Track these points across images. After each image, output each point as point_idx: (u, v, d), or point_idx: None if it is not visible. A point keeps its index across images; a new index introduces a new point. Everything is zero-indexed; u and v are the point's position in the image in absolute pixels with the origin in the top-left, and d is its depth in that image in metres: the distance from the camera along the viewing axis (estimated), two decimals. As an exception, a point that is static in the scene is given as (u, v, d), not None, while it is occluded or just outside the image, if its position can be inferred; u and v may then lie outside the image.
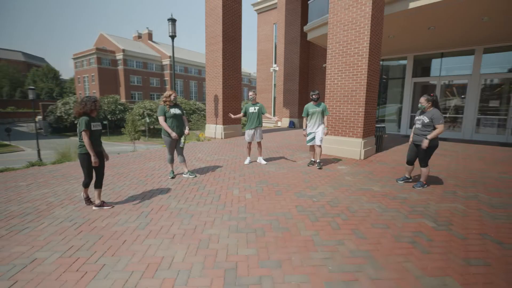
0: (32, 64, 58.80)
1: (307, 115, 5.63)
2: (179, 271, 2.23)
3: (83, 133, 3.21)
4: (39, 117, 33.43)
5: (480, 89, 9.97)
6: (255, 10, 22.16)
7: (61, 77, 59.13)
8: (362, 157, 6.46)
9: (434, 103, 4.14)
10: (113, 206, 3.59)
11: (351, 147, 6.60)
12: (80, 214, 3.34)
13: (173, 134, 4.66)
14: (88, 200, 3.60)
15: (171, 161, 4.99)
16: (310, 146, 5.71)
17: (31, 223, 3.11)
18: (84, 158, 3.33)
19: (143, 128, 31.10)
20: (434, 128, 4.03)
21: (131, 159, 6.62)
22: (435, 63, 10.98)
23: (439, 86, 10.89)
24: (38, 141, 17.07)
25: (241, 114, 6.07)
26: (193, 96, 60.37)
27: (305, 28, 10.83)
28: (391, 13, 7.20)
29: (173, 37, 9.47)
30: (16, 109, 43.44)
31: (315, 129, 5.57)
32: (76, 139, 3.49)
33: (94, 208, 3.50)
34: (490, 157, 6.81)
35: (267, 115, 5.90)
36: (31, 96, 16.45)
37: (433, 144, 4.09)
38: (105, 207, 3.54)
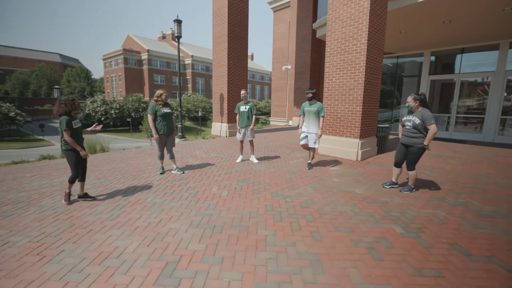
0: (67, 65, 63.44)
1: (303, 113, 5.51)
2: (125, 260, 2.34)
3: (64, 132, 3.42)
4: (70, 114, 35.96)
5: (504, 87, 9.12)
6: (271, 8, 22.06)
7: (92, 77, 63.03)
8: (359, 158, 6.22)
9: (422, 102, 3.89)
10: (95, 198, 3.82)
11: (348, 147, 6.39)
12: (64, 204, 3.60)
13: (155, 136, 4.85)
14: (69, 197, 3.63)
15: (161, 157, 5.17)
16: (303, 145, 5.56)
17: (19, 210, 3.41)
18: (70, 154, 3.54)
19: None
20: (425, 129, 3.79)
21: (132, 155, 6.95)
22: (455, 59, 10.22)
23: (459, 83, 10.12)
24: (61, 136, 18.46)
25: (237, 114, 6.07)
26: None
27: (314, 25, 10.59)
28: (399, 7, 6.82)
29: (178, 37, 9.74)
30: (52, 106, 47.15)
31: (308, 129, 5.39)
32: (87, 136, 3.66)
33: (77, 199, 3.75)
34: (505, 162, 6.23)
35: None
36: (56, 94, 17.78)
37: (423, 147, 3.86)
38: (87, 199, 3.77)
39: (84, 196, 3.77)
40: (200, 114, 35.42)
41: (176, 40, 10.03)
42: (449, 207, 3.55)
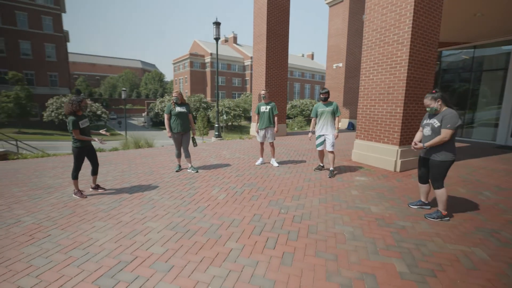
0: (146, 70, 73.37)
1: (316, 115, 5.03)
2: (88, 253, 2.41)
3: (73, 133, 3.69)
4: (144, 113, 41.35)
5: None
6: (327, 3, 20.88)
7: (165, 80, 71.23)
8: (398, 169, 5.23)
9: (444, 100, 2.98)
10: (105, 190, 4.15)
11: (385, 155, 5.44)
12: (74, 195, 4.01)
13: (168, 134, 5.03)
14: (80, 193, 3.86)
15: (178, 155, 5.34)
16: (320, 151, 5.02)
17: (45, 195, 3.95)
18: (76, 151, 3.82)
19: (221, 124, 34.21)
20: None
21: (164, 151, 7.44)
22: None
23: None
24: (126, 132, 21.41)
25: (256, 114, 5.85)
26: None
27: (364, 16, 9.48)
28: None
29: (217, 39, 10.01)
30: (132, 106, 55.26)
31: (325, 131, 4.89)
32: (144, 132, 4.01)
33: (90, 190, 4.13)
34: None
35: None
36: (123, 96, 20.60)
37: (446, 158, 2.97)
38: (99, 190, 4.12)
39: (96, 188, 4.13)
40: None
41: (215, 41, 10.34)
42: (499, 246, 2.59)
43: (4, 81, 25.56)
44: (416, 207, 3.49)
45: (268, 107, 5.60)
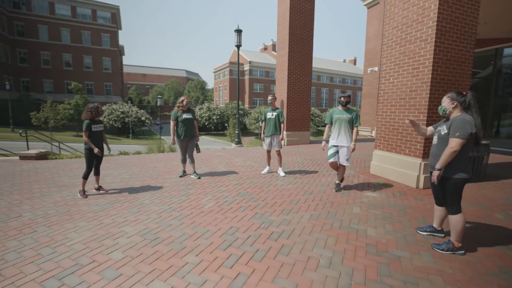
0: (190, 78, 78.29)
1: (331, 122, 4.48)
2: (54, 252, 2.48)
3: (83, 133, 4.04)
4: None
5: None
6: (365, 5, 19.82)
7: (206, 87, 75.00)
8: (421, 185, 4.50)
9: (464, 105, 2.39)
10: (107, 191, 4.35)
11: (406, 169, 4.74)
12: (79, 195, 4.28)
13: (172, 141, 5.09)
14: (84, 193, 4.12)
15: (183, 161, 5.40)
16: (331, 163, 4.45)
17: (54, 192, 4.29)
18: (87, 153, 4.14)
19: (256, 131, 34.51)
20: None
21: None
22: None
23: None
24: (160, 136, 22.80)
25: (263, 121, 5.62)
26: (324, 103, 61.41)
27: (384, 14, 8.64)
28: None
29: (238, 46, 10.07)
30: (176, 112, 59.05)
31: (339, 141, 4.28)
32: None
33: (94, 190, 4.37)
34: None
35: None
36: (159, 103, 22.02)
37: (454, 175, 2.38)
38: (100, 191, 4.34)
39: (98, 189, 4.35)
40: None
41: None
42: (522, 296, 1.96)
43: (68, 91, 29.70)
44: (425, 233, 2.89)
45: (275, 113, 5.36)
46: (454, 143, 2.32)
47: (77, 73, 32.39)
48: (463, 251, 2.49)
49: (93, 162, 4.18)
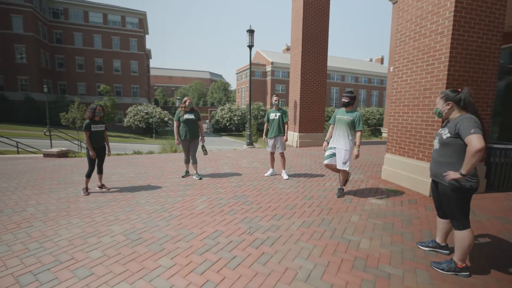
0: (213, 80, 79.88)
1: (334, 122, 4.18)
2: (40, 247, 2.56)
3: (84, 134, 4.18)
4: (207, 120, 44.87)
5: None
6: (389, 0, 18.79)
7: (230, 88, 76.04)
8: (435, 194, 4.06)
9: (460, 104, 2.07)
10: (109, 189, 4.48)
11: (418, 175, 4.33)
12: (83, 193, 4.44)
13: (176, 142, 5.11)
14: (86, 190, 4.25)
15: (186, 162, 5.42)
16: (327, 165, 4.20)
17: (62, 189, 4.51)
18: (88, 152, 4.30)
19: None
20: (464, 148, 2.02)
21: (189, 155, 7.71)
22: None
23: None
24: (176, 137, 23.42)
25: (266, 122, 5.45)
26: (334, 103, 59.67)
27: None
28: None
29: (250, 47, 9.98)
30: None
31: (336, 143, 4.04)
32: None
33: (97, 188, 4.52)
34: None
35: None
36: (177, 104, 22.50)
37: (465, 184, 2.05)
38: (103, 189, 4.47)
39: (101, 187, 4.49)
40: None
41: (249, 49, 10.33)
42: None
43: (98, 93, 31.70)
44: (427, 249, 2.57)
45: (278, 114, 5.18)
46: (476, 140, 1.91)
47: (107, 76, 34.51)
48: (467, 273, 2.16)
49: (94, 161, 4.31)
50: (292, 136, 10.18)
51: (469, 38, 3.86)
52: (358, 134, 3.91)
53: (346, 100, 3.97)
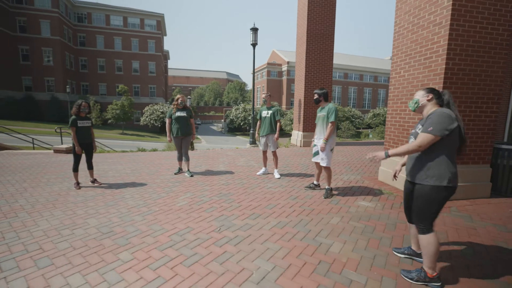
0: (230, 80, 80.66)
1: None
2: (15, 238, 2.65)
3: (71, 129, 4.30)
4: (222, 120, 45.35)
5: None
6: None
7: (246, 88, 76.42)
8: (431, 198, 3.77)
9: (440, 100, 1.88)
10: (100, 184, 4.60)
11: (414, 177, 4.04)
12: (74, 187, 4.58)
13: (168, 139, 5.18)
14: (77, 184, 4.41)
15: (179, 159, 5.46)
16: (316, 163, 4.13)
17: (58, 183, 4.70)
18: (74, 148, 4.38)
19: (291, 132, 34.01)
20: (440, 147, 1.87)
21: (192, 154, 7.78)
22: None
23: None
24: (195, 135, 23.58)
25: (258, 121, 5.35)
26: (351, 103, 58.10)
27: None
28: None
29: (254, 45, 9.87)
30: (215, 113, 61.49)
31: (317, 141, 4.03)
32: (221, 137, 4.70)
33: (89, 183, 4.65)
34: None
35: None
36: (188, 103, 22.92)
37: (435, 183, 1.88)
38: (95, 184, 4.60)
39: (93, 182, 4.62)
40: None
41: (252, 47, 10.24)
42: None
43: (118, 93, 33.06)
44: (402, 255, 2.38)
45: (270, 111, 5.07)
46: (421, 139, 1.86)
47: (126, 76, 35.92)
48: (438, 283, 1.96)
49: (79, 156, 4.37)
50: (297, 135, 9.98)
51: (470, 29, 3.54)
52: (329, 125, 3.80)
53: (315, 97, 3.98)
